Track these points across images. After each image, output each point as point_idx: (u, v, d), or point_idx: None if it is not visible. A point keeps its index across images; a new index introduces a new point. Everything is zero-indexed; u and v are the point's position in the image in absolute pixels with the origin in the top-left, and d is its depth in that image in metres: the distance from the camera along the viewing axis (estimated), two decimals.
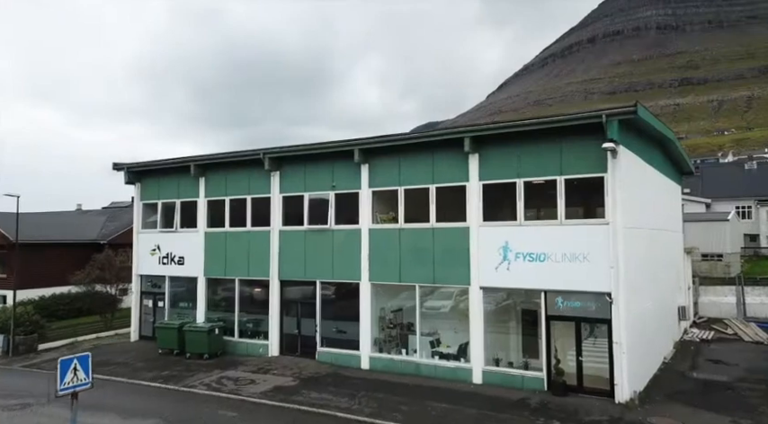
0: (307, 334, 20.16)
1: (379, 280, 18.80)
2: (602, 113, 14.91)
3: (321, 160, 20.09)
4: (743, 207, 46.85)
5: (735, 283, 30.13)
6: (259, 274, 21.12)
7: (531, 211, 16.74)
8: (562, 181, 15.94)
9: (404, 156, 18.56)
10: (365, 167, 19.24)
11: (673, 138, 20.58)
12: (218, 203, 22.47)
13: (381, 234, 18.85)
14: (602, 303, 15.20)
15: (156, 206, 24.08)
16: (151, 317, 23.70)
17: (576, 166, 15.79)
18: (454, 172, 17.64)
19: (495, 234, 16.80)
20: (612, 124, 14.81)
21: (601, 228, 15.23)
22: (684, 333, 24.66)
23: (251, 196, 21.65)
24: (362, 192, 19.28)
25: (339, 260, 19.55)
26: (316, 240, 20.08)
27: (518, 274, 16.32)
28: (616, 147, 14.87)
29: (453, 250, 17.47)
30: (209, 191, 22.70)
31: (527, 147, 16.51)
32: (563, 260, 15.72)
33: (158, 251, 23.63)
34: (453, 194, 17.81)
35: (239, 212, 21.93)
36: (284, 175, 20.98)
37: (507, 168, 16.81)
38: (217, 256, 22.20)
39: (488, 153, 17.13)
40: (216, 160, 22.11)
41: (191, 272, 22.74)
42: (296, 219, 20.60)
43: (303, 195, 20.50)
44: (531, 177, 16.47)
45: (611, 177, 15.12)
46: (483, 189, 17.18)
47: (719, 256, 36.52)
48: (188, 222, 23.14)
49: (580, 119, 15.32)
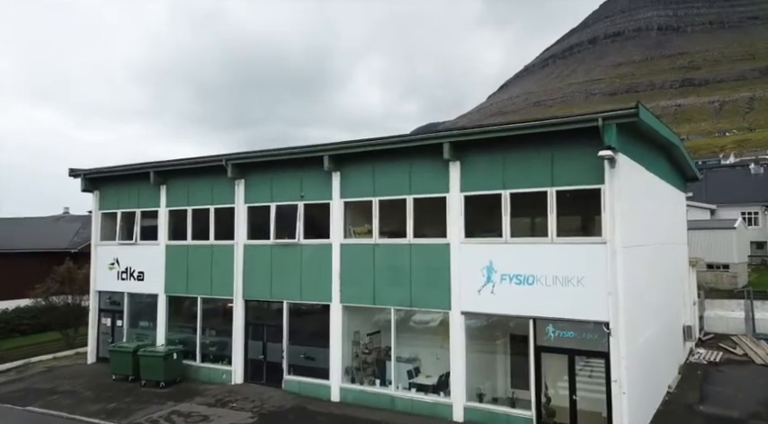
0: (273, 360, 18.23)
1: (351, 302, 16.88)
2: (597, 116, 12.98)
3: (289, 167, 18.18)
4: (749, 213, 44.85)
5: (743, 297, 28.16)
6: (222, 292, 19.20)
7: (519, 227, 14.78)
8: (553, 194, 14.02)
9: (378, 164, 16.66)
10: (336, 175, 17.33)
11: (677, 143, 18.66)
12: (181, 213, 20.55)
13: (354, 251, 16.93)
14: (599, 333, 13.28)
15: (116, 216, 22.14)
16: (110, 337, 21.76)
17: (569, 176, 13.87)
18: (433, 181, 15.73)
19: (478, 252, 14.89)
20: (610, 128, 12.89)
21: (597, 248, 13.31)
22: (690, 354, 22.72)
23: (214, 206, 19.73)
24: (333, 203, 17.38)
25: (308, 279, 17.63)
26: (283, 256, 18.17)
27: (503, 298, 14.39)
28: (614, 155, 12.95)
29: (432, 269, 15.55)
30: (170, 201, 20.78)
31: (514, 155, 14.60)
32: (554, 283, 13.79)
33: (117, 266, 21.70)
34: (433, 206, 15.92)
35: (202, 223, 20.02)
36: (249, 184, 19.07)
37: (492, 178, 14.90)
38: (178, 272, 20.27)
39: (471, 161, 15.22)
40: (177, 166, 20.18)
41: (151, 289, 20.81)
42: (262, 232, 18.69)
43: (270, 205, 18.59)
44: (518, 188, 14.55)
45: (609, 189, 13.21)
46: (465, 201, 15.27)
47: (726, 266, 34.56)
48: (149, 234, 21.21)
49: (573, 122, 13.39)
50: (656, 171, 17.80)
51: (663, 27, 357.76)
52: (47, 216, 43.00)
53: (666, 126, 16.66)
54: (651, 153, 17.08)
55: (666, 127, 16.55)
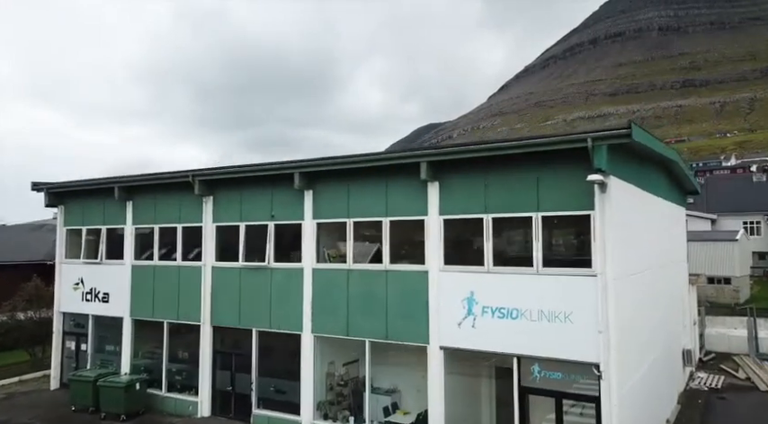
0: (242, 392, 16.97)
1: (323, 332, 15.63)
2: (587, 136, 11.72)
3: (259, 184, 16.94)
4: (751, 222, 43.48)
5: (745, 314, 26.90)
6: (190, 317, 17.95)
7: (503, 255, 13.49)
8: (539, 219, 12.77)
9: (353, 183, 15.41)
10: (308, 194, 16.09)
11: (675, 158, 17.43)
12: (147, 232, 19.31)
13: (327, 276, 15.69)
14: (589, 375, 12.03)
15: (81, 232, 20.89)
16: (74, 361, 20.53)
17: (556, 201, 12.62)
18: (411, 203, 14.48)
19: (458, 281, 13.64)
20: (600, 150, 11.65)
21: (587, 281, 12.07)
22: (690, 379, 21.47)
23: (182, 224, 18.48)
24: (305, 224, 16.13)
25: (278, 306, 16.38)
26: (252, 280, 16.92)
27: (485, 333, 13.14)
28: (605, 180, 11.70)
29: (410, 299, 14.30)
30: (137, 218, 19.53)
31: (496, 176, 13.36)
32: (540, 318, 12.54)
33: (81, 286, 20.46)
34: (410, 230, 14.72)
35: (170, 243, 18.78)
36: (218, 201, 17.83)
37: (473, 201, 13.65)
38: (144, 294, 19.02)
39: (450, 181, 13.97)
40: (143, 182, 18.93)
41: (116, 312, 19.56)
42: (231, 254, 17.45)
43: (239, 225, 17.35)
44: (501, 213, 13.31)
45: (600, 216, 11.97)
46: (444, 225, 14.02)
47: (727, 280, 33.26)
48: (114, 253, 19.96)
49: (560, 143, 12.14)
50: (652, 188, 16.57)
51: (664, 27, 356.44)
52: (26, 223, 41.72)
53: (663, 143, 15.42)
54: (647, 170, 15.85)
55: (663, 143, 15.31)
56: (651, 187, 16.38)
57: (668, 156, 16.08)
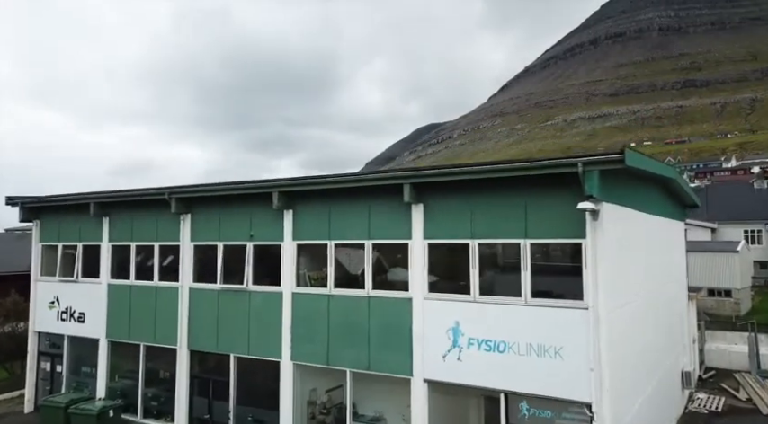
0: (219, 421, 16.21)
1: (302, 360, 14.88)
2: (577, 161, 10.97)
3: (238, 203, 16.20)
4: (752, 231, 42.63)
5: (746, 329, 26.16)
6: (166, 340, 17.19)
7: (490, 283, 12.75)
8: (527, 247, 12.04)
9: (335, 203, 14.66)
10: (288, 214, 15.34)
11: (673, 176, 16.66)
12: (124, 249, 18.56)
13: (307, 301, 14.94)
14: (581, 414, 11.28)
15: (57, 249, 20.14)
16: (49, 383, 19.77)
17: (546, 228, 11.88)
18: (394, 225, 13.74)
19: (443, 310, 12.91)
20: (592, 176, 10.91)
21: (577, 314, 11.33)
22: (689, 400, 20.70)
23: (159, 243, 17.74)
24: (285, 245, 15.38)
25: (257, 331, 15.64)
26: (230, 302, 16.18)
27: (472, 366, 12.40)
28: (596, 207, 10.95)
29: (393, 327, 13.56)
30: (113, 235, 18.78)
31: (483, 200, 12.62)
32: (528, 352, 11.79)
33: (57, 305, 19.71)
34: (394, 254, 13.97)
35: (147, 262, 18.03)
36: (196, 219, 17.08)
37: (459, 225, 12.91)
38: (121, 314, 18.28)
39: (435, 204, 13.23)
40: (119, 198, 18.19)
41: (91, 332, 18.82)
42: (209, 275, 16.70)
43: (217, 245, 16.60)
44: (487, 238, 12.58)
45: (591, 245, 11.23)
46: (429, 249, 13.28)
47: (728, 292, 32.47)
48: (90, 271, 19.21)
49: (549, 167, 11.40)
50: (649, 208, 15.82)
51: (664, 28, 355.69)
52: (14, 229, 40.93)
53: (661, 163, 14.66)
54: (643, 189, 15.10)
55: (660, 164, 14.56)
56: (648, 206, 15.64)
57: (666, 175, 15.32)
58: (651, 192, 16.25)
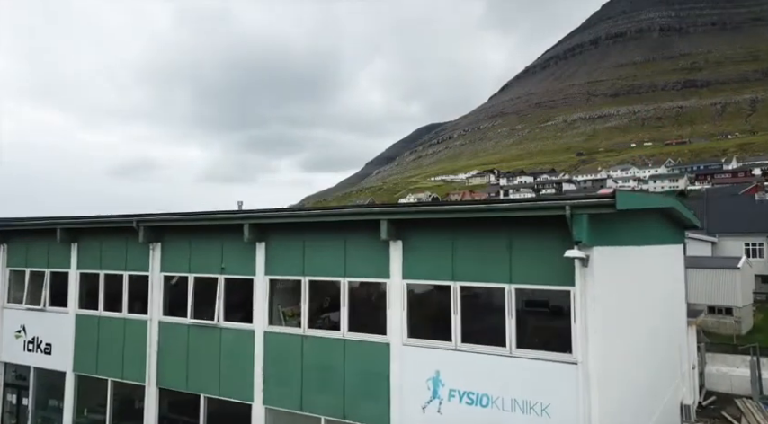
0: None
1: (275, 405, 13.93)
2: (564, 204, 10.01)
3: (209, 233, 15.26)
4: (753, 244, 41.53)
5: (749, 353, 25.23)
6: (135, 376, 16.24)
7: (472, 330, 11.79)
8: (512, 292, 11.11)
9: (309, 237, 13.72)
10: (261, 247, 14.40)
11: (671, 205, 15.73)
12: (93, 278, 17.62)
13: (280, 341, 14.00)
14: None
15: (24, 275, 19.19)
16: (14, 417, 18.83)
17: (531, 272, 10.95)
18: (372, 263, 12.81)
19: (423, 357, 11.98)
20: (580, 220, 9.98)
21: (566, 369, 10.40)
22: None
23: (128, 272, 16.79)
24: (257, 280, 14.44)
25: (228, 371, 14.69)
26: (201, 339, 15.23)
27: (453, 420, 11.47)
28: (585, 255, 10.02)
29: (370, 374, 12.62)
30: (82, 262, 17.84)
31: (465, 239, 11.68)
32: (513, 408, 10.85)
33: (24, 334, 18.78)
34: (371, 294, 13.04)
35: (115, 292, 17.08)
36: (166, 249, 16.14)
37: (440, 266, 11.97)
38: (89, 347, 17.33)
39: (415, 242, 12.29)
40: (86, 225, 17.26)
41: (58, 365, 17.87)
42: (180, 308, 15.76)
43: (188, 276, 15.65)
44: (470, 281, 11.65)
45: (581, 294, 10.30)
46: (408, 290, 12.34)
47: (728, 310, 31.49)
48: (58, 299, 18.26)
49: (534, 209, 10.46)
50: (645, 240, 14.88)
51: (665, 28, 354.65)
52: None
53: (656, 196, 13.71)
54: (638, 222, 14.13)
55: (656, 197, 13.62)
56: (644, 238, 14.70)
57: (662, 206, 14.39)
58: (648, 223, 15.29)
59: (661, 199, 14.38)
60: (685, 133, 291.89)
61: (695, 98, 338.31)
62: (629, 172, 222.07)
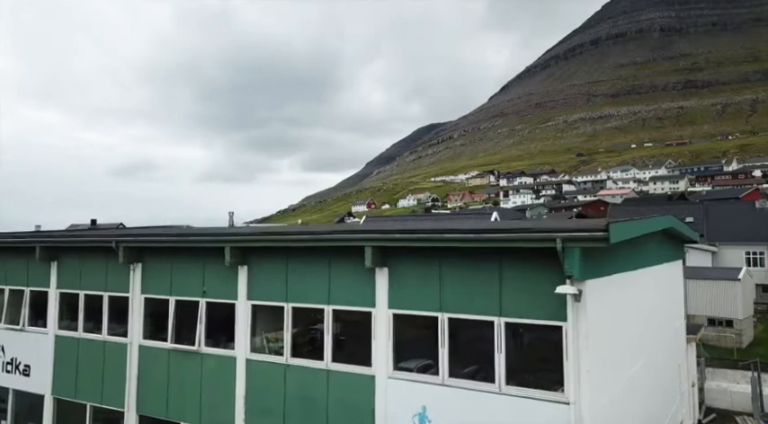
0: None
1: None
2: (555, 237, 9.46)
3: (191, 255, 14.71)
4: (754, 253, 40.87)
5: (749, 368, 24.67)
6: (114, 402, 15.69)
7: (461, 364, 11.25)
8: (501, 325, 10.56)
9: (293, 260, 13.19)
10: (243, 270, 13.85)
11: (670, 224, 15.18)
12: (73, 298, 17.07)
13: (262, 369, 13.45)
14: None
15: (3, 293, 18.65)
16: None
17: (522, 305, 10.40)
18: (357, 291, 12.26)
19: (409, 391, 11.42)
20: (572, 254, 9.44)
21: (558, 409, 9.86)
22: None
23: (108, 293, 16.25)
24: (239, 305, 13.90)
25: (209, 399, 14.13)
26: (182, 364, 14.68)
27: None
28: (578, 290, 9.47)
29: (353, 407, 12.07)
30: (61, 281, 17.30)
31: (453, 268, 11.15)
32: None
33: (2, 355, 18.22)
34: (356, 323, 12.45)
35: (96, 313, 16.54)
36: (147, 270, 15.59)
37: (426, 295, 11.42)
38: (68, 369, 16.79)
39: (401, 269, 11.75)
40: (65, 244, 16.73)
41: (36, 387, 17.33)
42: (160, 332, 15.22)
43: (169, 299, 15.11)
44: (458, 313, 11.09)
45: (573, 330, 9.75)
46: (394, 321, 11.79)
47: (729, 322, 30.92)
48: (38, 319, 17.73)
49: (521, 241, 9.91)
50: (642, 262, 14.29)
51: (665, 28, 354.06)
52: None
53: (653, 220, 13.16)
54: (634, 245, 13.54)
55: (653, 222, 13.07)
56: (641, 261, 14.11)
57: (660, 229, 13.83)
58: (645, 244, 14.68)
59: (658, 221, 13.83)
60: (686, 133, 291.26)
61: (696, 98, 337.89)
62: (630, 173, 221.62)
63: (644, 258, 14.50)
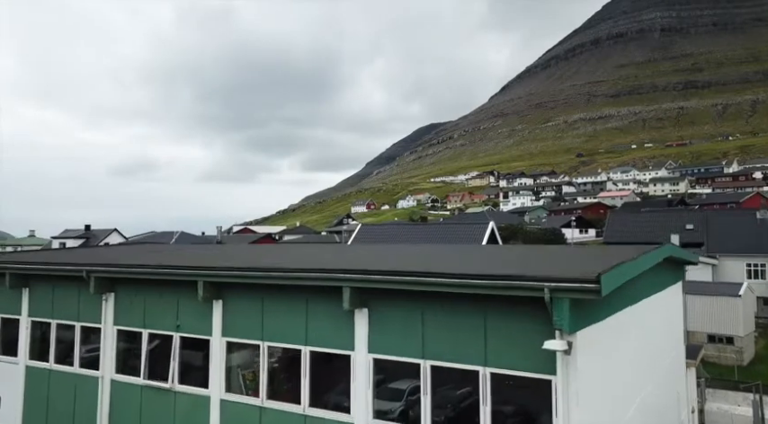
0: None
1: None
2: (543, 286, 8.73)
3: (165, 287, 13.98)
4: (755, 265, 40.04)
5: (751, 390, 23.96)
6: None
7: (444, 416, 10.52)
8: (487, 376, 9.84)
9: (269, 297, 12.47)
10: (218, 305, 13.14)
11: (669, 253, 14.46)
12: (44, 326, 16.35)
13: (237, 411, 12.73)
14: None
15: None
16: None
17: (509, 355, 9.69)
18: (335, 332, 11.55)
19: None
20: (561, 305, 8.71)
21: None
22: None
23: (80, 323, 15.53)
24: (214, 341, 13.18)
25: None
26: (155, 402, 13.95)
27: None
28: (567, 346, 8.74)
29: None
30: (33, 309, 16.58)
31: (437, 311, 10.44)
32: None
33: None
34: (335, 365, 11.73)
35: (68, 344, 15.82)
36: (120, 301, 14.87)
37: (409, 339, 10.71)
38: (38, 402, 16.07)
39: (382, 311, 11.04)
40: (36, 271, 15.99)
41: (8, 421, 16.59)
42: (133, 366, 14.49)
43: (142, 332, 14.39)
44: (441, 361, 10.37)
45: (562, 384, 9.05)
46: (374, 365, 11.06)
47: (729, 339, 30.17)
48: (9, 348, 16.99)
49: (507, 288, 9.18)
50: (638, 295, 13.55)
51: (666, 28, 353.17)
52: None
53: (652, 255, 12.42)
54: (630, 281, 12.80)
55: (652, 252, 12.34)
56: (638, 295, 13.38)
57: (659, 260, 13.10)
58: (641, 276, 13.97)
59: (656, 255, 13.07)
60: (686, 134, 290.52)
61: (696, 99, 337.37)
62: (630, 174, 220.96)
63: (640, 291, 13.76)
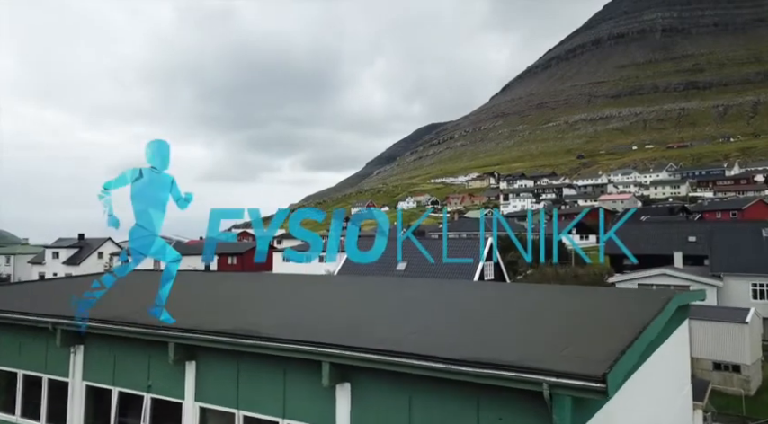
0: None
1: None
2: (542, 381, 7.77)
3: (136, 344, 13.00)
4: (761, 285, 39.02)
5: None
6: None
7: None
8: None
9: (244, 362, 11.49)
10: (191, 367, 12.17)
11: (677, 305, 13.49)
12: (11, 377, 15.37)
13: None
14: None
15: None
16: None
17: None
18: (315, 406, 10.58)
19: None
20: (562, 403, 7.74)
21: None
22: None
23: (48, 376, 14.56)
24: (186, 406, 12.20)
25: None
26: None
27: None
28: None
29: None
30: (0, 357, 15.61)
31: (425, 396, 9.44)
32: None
33: None
34: None
35: (35, 397, 14.84)
36: (89, 354, 13.90)
37: (394, 419, 9.72)
38: None
39: (365, 388, 10.07)
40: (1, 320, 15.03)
41: None
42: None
43: (112, 390, 13.41)
44: None
45: None
46: None
47: (736, 367, 29.16)
48: None
49: (503, 379, 8.21)
50: (644, 355, 12.57)
51: (667, 29, 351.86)
52: None
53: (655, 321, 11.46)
54: None
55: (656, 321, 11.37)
56: (640, 359, 12.39)
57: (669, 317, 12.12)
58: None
59: (664, 315, 12.10)
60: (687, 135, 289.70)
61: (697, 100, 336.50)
62: (631, 176, 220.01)
63: (646, 353, 12.78)
